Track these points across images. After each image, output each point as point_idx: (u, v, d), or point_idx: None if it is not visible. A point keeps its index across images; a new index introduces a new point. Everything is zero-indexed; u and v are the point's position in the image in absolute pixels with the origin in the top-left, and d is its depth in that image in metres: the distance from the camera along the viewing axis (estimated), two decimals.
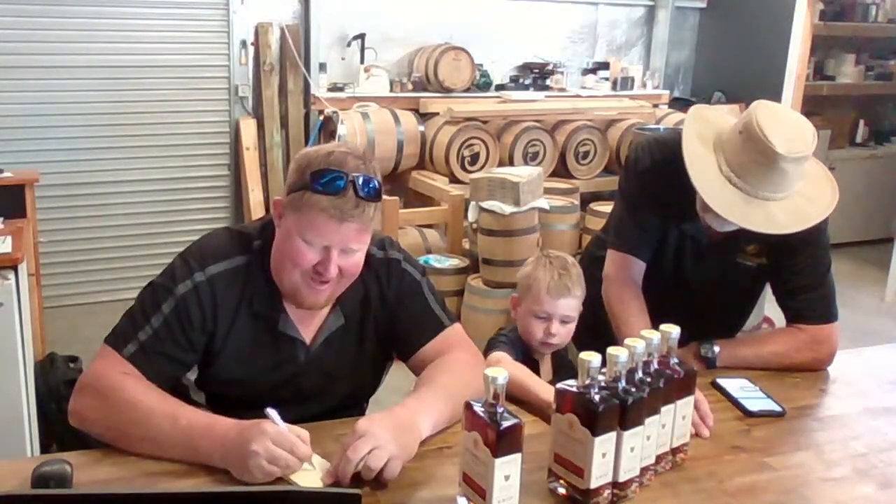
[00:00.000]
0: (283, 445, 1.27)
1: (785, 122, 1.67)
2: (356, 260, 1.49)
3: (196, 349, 1.50)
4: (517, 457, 1.19)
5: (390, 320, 1.63)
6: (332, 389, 1.62)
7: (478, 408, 1.21)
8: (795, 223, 1.69)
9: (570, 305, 1.87)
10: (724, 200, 1.69)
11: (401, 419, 1.38)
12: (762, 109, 1.68)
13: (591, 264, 2.12)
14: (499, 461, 1.18)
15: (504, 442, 1.17)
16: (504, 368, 1.24)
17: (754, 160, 1.66)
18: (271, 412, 1.33)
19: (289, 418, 1.35)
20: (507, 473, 1.19)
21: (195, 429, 1.34)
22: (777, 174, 1.65)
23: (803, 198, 1.70)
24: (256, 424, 1.30)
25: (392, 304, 1.62)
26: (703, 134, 1.78)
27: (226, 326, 1.51)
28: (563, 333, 1.88)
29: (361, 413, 1.70)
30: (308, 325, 1.58)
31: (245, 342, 1.53)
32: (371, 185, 1.43)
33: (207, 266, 1.49)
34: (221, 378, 1.55)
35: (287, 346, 1.56)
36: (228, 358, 1.53)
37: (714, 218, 1.74)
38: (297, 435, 1.31)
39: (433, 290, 1.67)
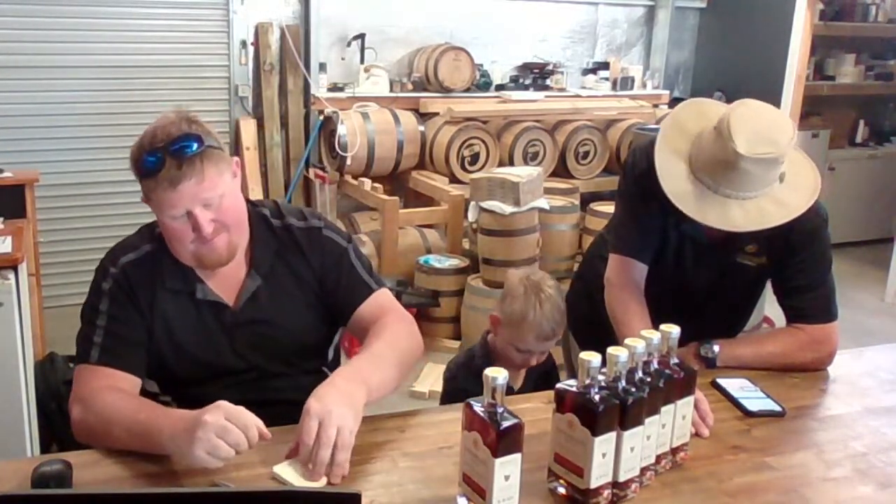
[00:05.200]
0: (238, 422, 1.26)
1: (757, 123, 1.64)
2: (225, 205, 1.52)
3: (146, 326, 1.56)
4: (517, 457, 1.19)
5: (320, 284, 1.67)
6: (272, 348, 1.64)
7: (478, 408, 1.21)
8: (751, 223, 1.67)
9: (552, 344, 1.99)
10: (682, 192, 1.69)
11: (344, 389, 1.38)
12: (740, 108, 1.67)
13: (595, 262, 2.12)
14: (499, 461, 1.18)
15: (504, 442, 1.17)
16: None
17: (717, 157, 1.65)
18: None
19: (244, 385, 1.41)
20: (507, 473, 1.19)
21: (148, 422, 1.36)
22: (738, 173, 1.64)
23: (771, 200, 1.68)
24: (214, 403, 1.29)
25: (318, 270, 1.66)
26: (687, 125, 1.78)
27: (148, 308, 1.57)
28: (540, 359, 2.01)
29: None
30: (230, 290, 1.62)
31: (172, 319, 1.59)
32: (181, 144, 1.48)
33: (118, 260, 1.58)
34: (166, 361, 1.59)
35: (212, 311, 1.61)
36: (161, 338, 1.58)
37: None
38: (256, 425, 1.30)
39: (360, 256, 1.72)
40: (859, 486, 1.43)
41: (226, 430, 1.24)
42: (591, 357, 1.25)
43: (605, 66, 6.00)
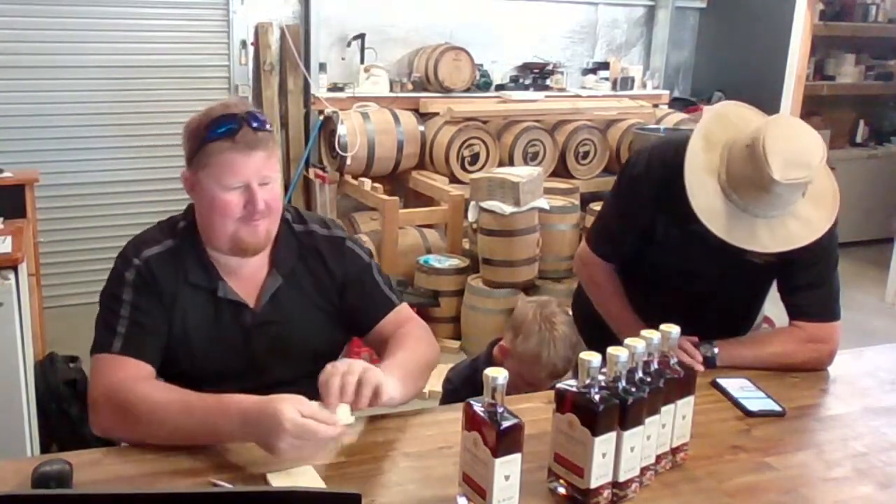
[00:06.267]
0: (307, 413, 1.29)
1: (792, 145, 1.64)
2: (276, 191, 1.55)
3: (166, 319, 1.55)
4: (517, 457, 1.19)
5: (340, 294, 1.67)
6: (286, 351, 1.63)
7: (478, 408, 1.21)
8: (778, 244, 1.69)
9: (562, 380, 1.97)
10: (711, 209, 1.70)
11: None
12: (773, 128, 1.66)
13: None
14: (499, 461, 1.18)
15: (504, 442, 1.17)
16: None
17: (750, 178, 1.65)
18: None
19: (250, 389, 1.39)
20: (507, 473, 1.19)
21: (209, 413, 1.36)
22: (771, 196, 1.65)
23: (795, 218, 1.70)
24: (276, 399, 1.31)
25: (340, 279, 1.67)
26: (715, 135, 1.77)
27: (170, 303, 1.56)
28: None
29: None
30: (250, 290, 1.61)
31: (190, 316, 1.57)
32: (260, 119, 1.52)
33: (141, 253, 1.57)
34: (176, 357, 1.57)
35: (231, 310, 1.60)
36: (176, 334, 1.56)
37: None
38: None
39: (381, 272, 1.74)
40: (859, 486, 1.43)
41: (304, 431, 1.27)
42: (591, 357, 1.25)
43: (605, 66, 6.00)
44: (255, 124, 1.50)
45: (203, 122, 1.51)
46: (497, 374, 1.19)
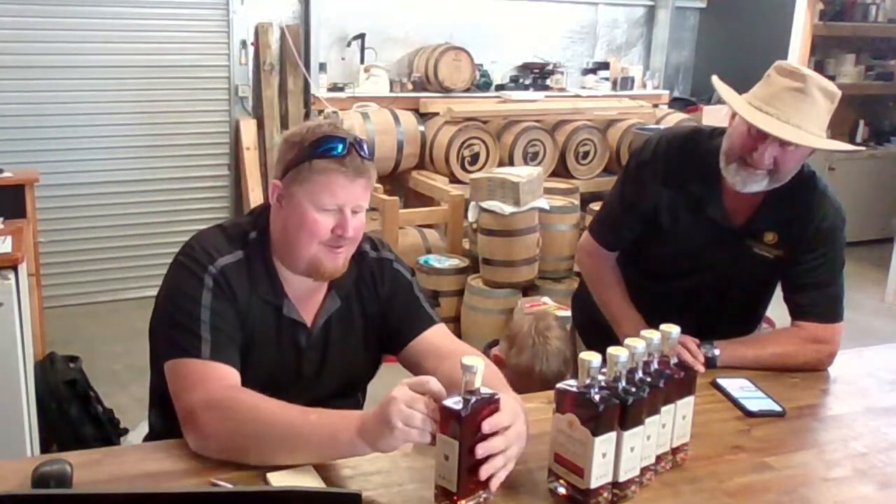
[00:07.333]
0: (418, 388, 1.24)
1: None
2: (363, 221, 1.54)
3: (241, 329, 1.51)
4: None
5: (382, 316, 1.65)
6: (325, 376, 1.63)
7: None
8: (800, 139, 1.71)
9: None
10: (754, 117, 1.71)
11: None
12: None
13: None
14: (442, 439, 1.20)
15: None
16: None
17: (784, 87, 1.70)
18: None
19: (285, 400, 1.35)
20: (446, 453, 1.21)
21: (326, 418, 1.31)
22: (807, 101, 1.69)
23: (819, 140, 1.75)
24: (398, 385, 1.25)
25: (384, 301, 1.65)
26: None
27: (243, 315, 1.52)
28: None
29: (356, 406, 1.71)
30: (308, 310, 1.60)
31: (256, 329, 1.54)
32: (366, 147, 1.52)
33: (215, 261, 1.50)
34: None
35: (291, 329, 1.58)
36: (245, 346, 1.52)
37: (736, 171, 1.76)
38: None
39: (422, 290, 1.72)
40: (859, 486, 1.43)
41: (414, 399, 1.22)
42: (591, 357, 1.25)
43: (605, 66, 6.01)
44: (361, 152, 1.49)
45: (308, 137, 1.48)
46: (473, 363, 1.19)
